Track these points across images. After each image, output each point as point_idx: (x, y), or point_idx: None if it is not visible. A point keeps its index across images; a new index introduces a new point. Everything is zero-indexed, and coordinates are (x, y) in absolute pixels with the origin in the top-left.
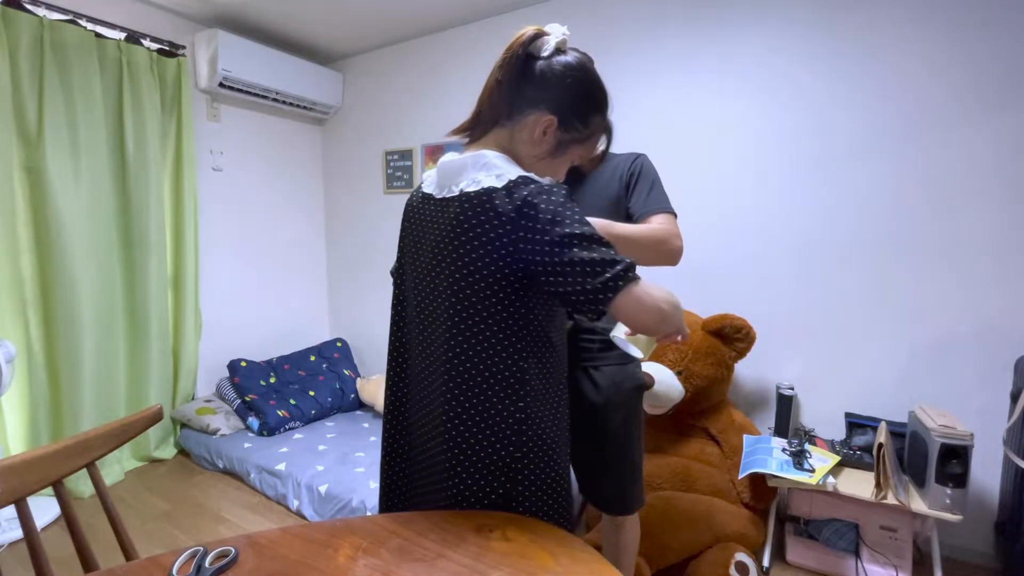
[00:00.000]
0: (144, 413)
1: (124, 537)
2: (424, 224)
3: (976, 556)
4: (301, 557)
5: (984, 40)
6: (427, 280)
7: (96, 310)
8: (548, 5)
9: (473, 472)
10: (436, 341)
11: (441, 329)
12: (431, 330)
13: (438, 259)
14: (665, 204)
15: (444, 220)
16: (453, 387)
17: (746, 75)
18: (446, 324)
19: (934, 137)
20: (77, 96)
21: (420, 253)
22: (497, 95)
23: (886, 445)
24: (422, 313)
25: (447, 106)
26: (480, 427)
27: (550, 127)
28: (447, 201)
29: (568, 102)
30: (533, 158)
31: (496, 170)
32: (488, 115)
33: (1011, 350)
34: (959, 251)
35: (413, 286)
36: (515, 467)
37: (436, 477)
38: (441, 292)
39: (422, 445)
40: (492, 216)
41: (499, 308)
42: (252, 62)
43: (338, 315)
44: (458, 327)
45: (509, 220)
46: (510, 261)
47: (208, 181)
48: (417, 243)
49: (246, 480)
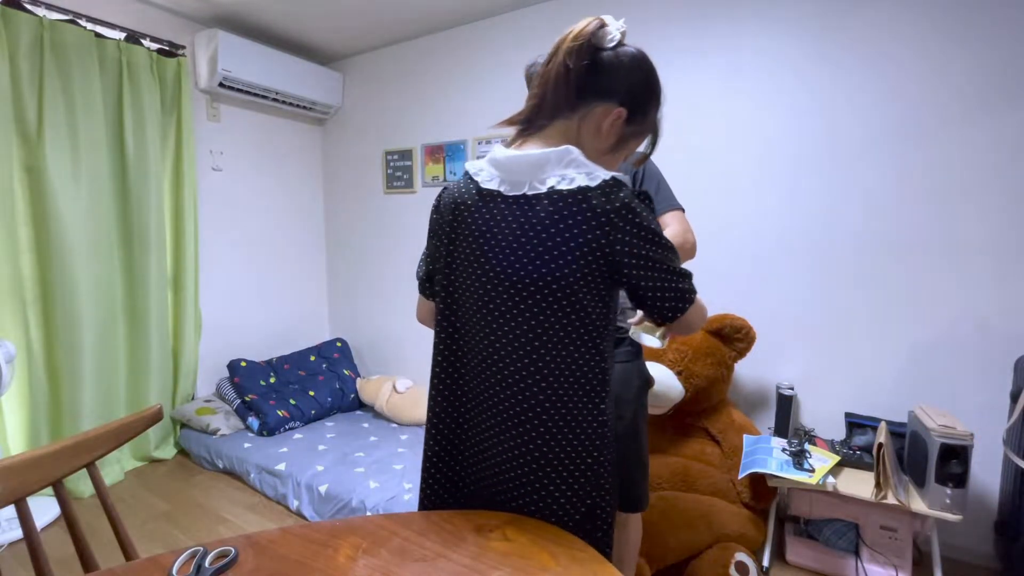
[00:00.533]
0: (144, 413)
1: (124, 537)
2: (490, 222)
3: (976, 556)
4: (301, 557)
5: (985, 40)
6: (500, 279)
7: (96, 310)
8: (548, 5)
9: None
10: (514, 342)
11: (522, 329)
12: (505, 330)
13: (518, 256)
14: (673, 202)
15: (528, 218)
16: (538, 391)
17: (748, 75)
18: (529, 324)
19: (934, 137)
20: (77, 96)
21: (486, 252)
22: (565, 85)
23: (886, 445)
24: (491, 313)
25: (447, 106)
26: (564, 432)
27: (619, 119)
28: (531, 198)
29: (635, 94)
30: (597, 152)
31: (585, 168)
32: (551, 106)
33: (1011, 350)
34: (959, 251)
35: (475, 285)
36: (601, 472)
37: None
38: (522, 291)
39: (491, 449)
40: (590, 216)
41: (588, 309)
42: (252, 62)
43: (338, 315)
44: (543, 326)
45: (608, 221)
46: (603, 262)
47: (208, 181)
48: (478, 241)
49: (246, 480)
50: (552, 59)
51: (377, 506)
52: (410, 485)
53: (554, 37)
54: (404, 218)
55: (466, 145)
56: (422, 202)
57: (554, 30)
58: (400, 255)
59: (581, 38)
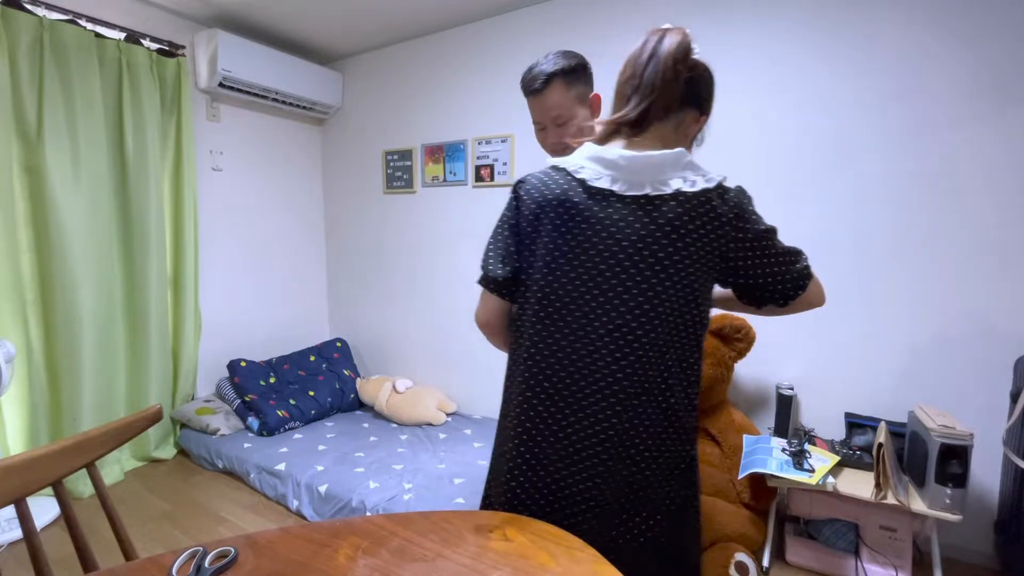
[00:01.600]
0: (144, 413)
1: (124, 537)
2: (604, 220)
3: (976, 556)
4: (301, 557)
5: (985, 40)
6: (622, 279)
7: (96, 310)
8: (549, 5)
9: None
10: (627, 335)
11: (639, 322)
12: (619, 324)
13: (643, 256)
14: None
15: (653, 219)
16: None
17: (751, 75)
18: (648, 317)
19: (934, 137)
20: (77, 96)
21: (602, 252)
22: (673, 92)
23: (886, 445)
24: (610, 313)
25: (447, 106)
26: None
27: (701, 127)
28: (655, 199)
29: (710, 104)
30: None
31: (701, 170)
32: (658, 109)
33: (1011, 350)
34: (959, 251)
35: (590, 283)
36: (694, 466)
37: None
38: (647, 291)
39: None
40: (712, 218)
41: (703, 307)
42: (252, 62)
43: (338, 315)
44: (663, 319)
45: (728, 222)
46: (720, 263)
47: (208, 181)
48: (591, 240)
49: (246, 480)
50: (655, 66)
51: (377, 506)
52: (410, 485)
53: (554, 37)
54: (404, 218)
55: (466, 145)
56: (422, 202)
57: (554, 30)
58: (400, 255)
59: (687, 48)
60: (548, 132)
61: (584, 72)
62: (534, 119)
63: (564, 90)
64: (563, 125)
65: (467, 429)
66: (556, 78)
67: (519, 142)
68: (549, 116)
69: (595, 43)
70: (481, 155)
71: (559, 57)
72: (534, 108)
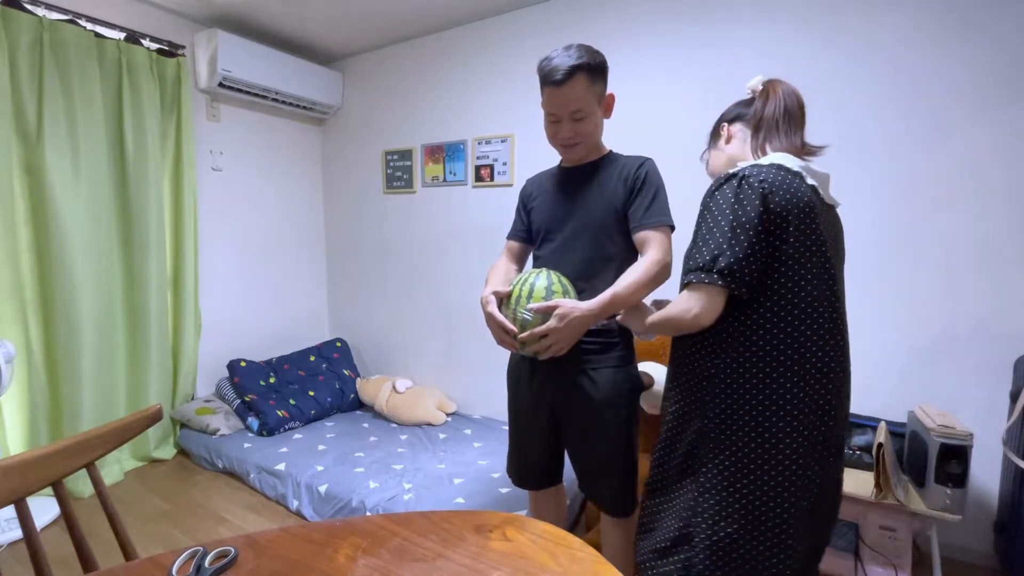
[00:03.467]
0: (144, 413)
1: (124, 537)
2: (826, 226)
3: (976, 556)
4: (301, 557)
5: (984, 41)
6: (839, 282)
7: (96, 310)
8: (549, 5)
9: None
10: (832, 328)
11: (840, 315)
12: (845, 326)
13: (840, 259)
14: (664, 216)
15: (839, 227)
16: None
17: (751, 76)
18: (844, 315)
19: (934, 137)
20: (77, 96)
21: (831, 256)
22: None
23: (886, 445)
24: (839, 309)
25: (447, 106)
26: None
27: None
28: (832, 209)
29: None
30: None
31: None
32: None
33: (1011, 350)
34: (959, 251)
35: (837, 285)
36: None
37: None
38: (842, 296)
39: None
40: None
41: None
42: (252, 62)
43: (338, 315)
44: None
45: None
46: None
47: (208, 181)
48: (827, 244)
49: (246, 480)
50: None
51: (377, 506)
52: (410, 485)
53: (554, 37)
54: (404, 218)
55: (466, 145)
56: (422, 202)
57: (554, 30)
58: (400, 255)
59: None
60: (562, 126)
61: (605, 71)
62: (549, 111)
63: (587, 85)
64: (580, 120)
65: (467, 429)
66: (580, 72)
67: (519, 142)
68: (568, 110)
69: (595, 43)
70: (481, 155)
71: (583, 51)
72: (552, 99)
